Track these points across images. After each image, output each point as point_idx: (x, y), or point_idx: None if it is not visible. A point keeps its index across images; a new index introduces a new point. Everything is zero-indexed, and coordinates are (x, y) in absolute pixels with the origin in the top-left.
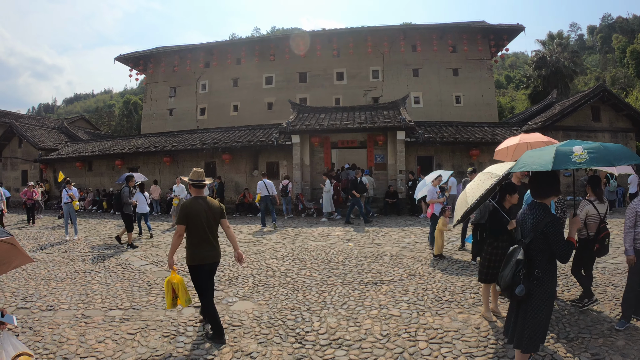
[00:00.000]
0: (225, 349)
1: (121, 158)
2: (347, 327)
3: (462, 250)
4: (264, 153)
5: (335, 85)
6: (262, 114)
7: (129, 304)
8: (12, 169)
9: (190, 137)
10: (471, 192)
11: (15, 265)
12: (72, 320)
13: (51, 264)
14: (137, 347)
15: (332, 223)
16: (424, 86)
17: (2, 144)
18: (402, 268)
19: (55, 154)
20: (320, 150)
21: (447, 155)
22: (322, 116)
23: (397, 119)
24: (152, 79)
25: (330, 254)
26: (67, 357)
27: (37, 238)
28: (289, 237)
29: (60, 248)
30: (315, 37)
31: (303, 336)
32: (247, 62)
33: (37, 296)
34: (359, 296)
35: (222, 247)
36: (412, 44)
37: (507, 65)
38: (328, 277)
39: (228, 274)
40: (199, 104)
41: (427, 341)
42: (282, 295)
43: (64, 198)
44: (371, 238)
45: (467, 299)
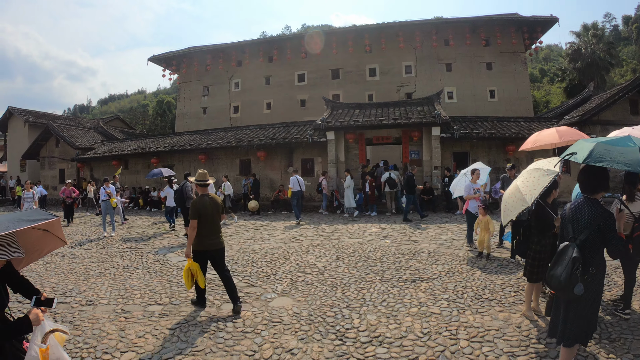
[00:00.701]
0: (265, 345)
1: (156, 156)
2: (388, 324)
3: (500, 247)
4: (299, 150)
5: (368, 82)
6: (295, 111)
7: (168, 300)
8: (49, 168)
9: (224, 134)
10: (527, 190)
11: (47, 251)
12: (111, 315)
13: (90, 259)
14: (176, 343)
15: (368, 220)
16: (458, 81)
17: (40, 144)
18: (440, 265)
19: (92, 153)
20: (355, 146)
21: (483, 151)
22: (356, 112)
23: (432, 114)
24: (185, 78)
25: (368, 251)
26: (107, 352)
27: (76, 234)
28: (326, 233)
29: (98, 244)
30: (347, 34)
31: (343, 333)
32: (279, 59)
33: (77, 291)
34: (398, 293)
35: (259, 244)
36: (445, 39)
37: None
38: (366, 274)
39: (266, 270)
40: (232, 102)
41: (468, 340)
42: (321, 292)
43: (102, 195)
44: (408, 235)
45: (507, 297)
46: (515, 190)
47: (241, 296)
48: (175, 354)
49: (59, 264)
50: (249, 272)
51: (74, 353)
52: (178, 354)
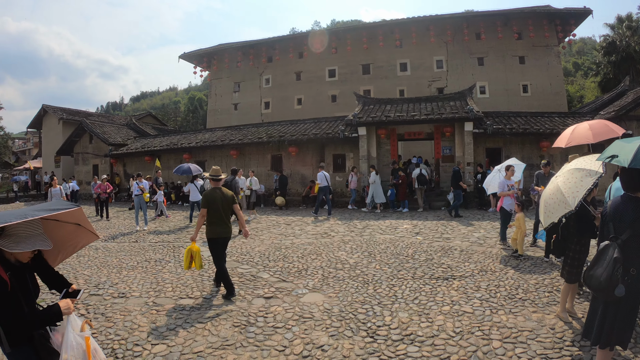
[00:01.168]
0: (296, 341)
1: (189, 152)
2: (419, 322)
3: (534, 246)
4: (330, 145)
5: (399, 77)
6: (326, 106)
7: (199, 293)
8: (83, 163)
9: (256, 130)
10: (569, 192)
11: (82, 245)
12: (143, 308)
13: (122, 252)
14: (207, 336)
15: (400, 216)
16: (490, 75)
17: (74, 140)
18: (473, 263)
19: (125, 149)
20: (386, 142)
21: (517, 147)
22: (387, 108)
23: (465, 109)
24: (216, 75)
25: (400, 247)
26: (138, 344)
27: (109, 228)
28: (357, 229)
29: (131, 238)
30: (377, 28)
31: (375, 330)
32: (309, 55)
33: (109, 284)
34: (430, 291)
35: (290, 239)
36: (476, 32)
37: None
38: (398, 270)
39: (297, 265)
40: (263, 98)
41: (501, 340)
42: (352, 288)
43: (135, 190)
44: (440, 232)
45: (541, 297)
46: (557, 191)
47: (272, 291)
48: (206, 348)
49: (92, 256)
50: (280, 267)
51: (106, 344)
52: (209, 347)
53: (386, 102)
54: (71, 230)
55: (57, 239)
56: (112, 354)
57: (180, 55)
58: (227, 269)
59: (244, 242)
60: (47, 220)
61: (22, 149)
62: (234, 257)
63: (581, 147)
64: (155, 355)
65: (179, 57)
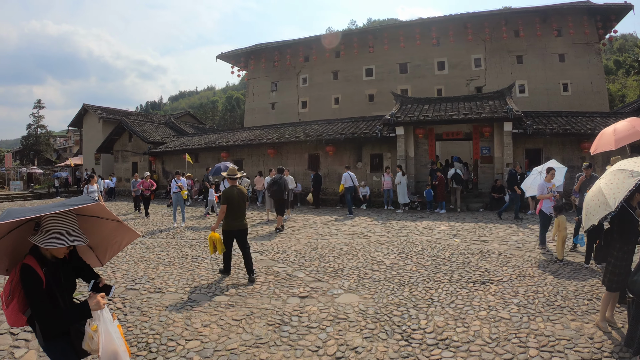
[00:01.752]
0: (330, 342)
1: (226, 150)
2: (455, 327)
3: (574, 251)
4: (367, 145)
5: (437, 75)
6: (363, 106)
7: (235, 291)
8: (122, 161)
9: (293, 129)
10: (611, 192)
11: (126, 242)
12: (178, 303)
13: (159, 248)
14: (241, 334)
15: (437, 217)
16: (529, 74)
17: (114, 138)
18: (511, 268)
19: (164, 147)
20: (424, 142)
21: (557, 148)
22: (425, 107)
23: (504, 109)
24: (253, 74)
25: (437, 249)
26: (172, 339)
27: (147, 224)
28: (394, 230)
29: (168, 234)
30: (414, 27)
31: (409, 334)
32: (346, 54)
33: (146, 279)
34: (466, 295)
35: (326, 238)
36: (515, 29)
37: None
38: (435, 273)
39: (333, 265)
40: (300, 98)
41: (538, 348)
42: (388, 290)
43: (173, 187)
44: (477, 234)
45: (580, 305)
46: (598, 193)
47: (307, 291)
48: (240, 345)
49: (130, 252)
50: (316, 266)
51: (140, 338)
52: (242, 344)
53: (424, 102)
54: (114, 227)
55: (102, 235)
56: (146, 347)
57: (218, 55)
58: (263, 266)
59: (280, 241)
60: (87, 217)
61: (63, 147)
62: (269, 255)
63: (624, 149)
64: (189, 351)
65: (217, 57)
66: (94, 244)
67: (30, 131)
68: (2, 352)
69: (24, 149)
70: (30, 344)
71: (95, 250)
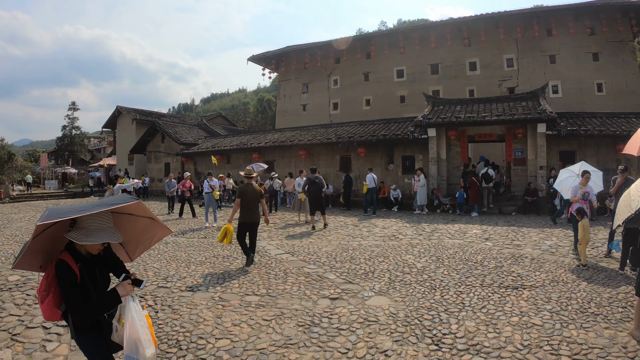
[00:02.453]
0: (360, 344)
1: (258, 152)
2: (486, 332)
3: (609, 257)
4: (399, 147)
5: (468, 76)
6: (394, 107)
7: (265, 291)
8: (155, 161)
9: (325, 131)
10: (637, 194)
11: (157, 238)
12: (209, 302)
13: (191, 248)
14: (271, 334)
15: (469, 220)
16: (562, 74)
17: (147, 139)
18: (544, 273)
19: (196, 148)
20: (456, 144)
21: (592, 150)
22: (457, 108)
23: (537, 110)
24: (284, 76)
25: (468, 253)
26: (202, 337)
27: (179, 224)
28: (425, 233)
29: (200, 234)
30: (445, 27)
31: (440, 338)
32: (377, 55)
33: (177, 277)
34: (498, 300)
35: (357, 240)
36: (547, 28)
37: None
38: (466, 277)
39: (364, 267)
40: (332, 99)
41: (570, 356)
42: (419, 293)
43: (206, 188)
44: (510, 238)
45: (614, 313)
46: (628, 195)
47: (338, 292)
48: (269, 345)
49: (162, 250)
50: (347, 268)
51: (171, 335)
52: (272, 345)
53: (456, 103)
54: (146, 224)
55: (134, 232)
56: (176, 345)
57: (249, 57)
58: (294, 267)
59: (312, 242)
60: (121, 214)
61: (97, 147)
62: (300, 256)
63: None
64: (219, 349)
65: (248, 59)
66: (125, 240)
67: (65, 132)
68: (34, 344)
69: (59, 149)
70: (62, 338)
71: (125, 246)
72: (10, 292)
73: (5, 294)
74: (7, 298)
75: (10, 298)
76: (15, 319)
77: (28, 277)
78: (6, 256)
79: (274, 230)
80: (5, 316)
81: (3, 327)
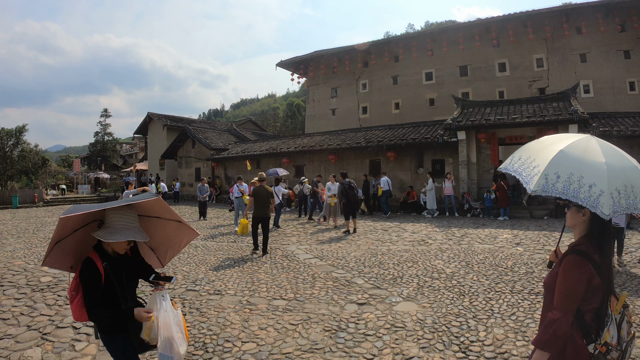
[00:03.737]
0: (386, 350)
1: (287, 156)
2: (515, 340)
3: None
4: (429, 150)
5: (498, 77)
6: (424, 110)
7: (293, 295)
8: (186, 166)
9: (354, 135)
10: None
11: (186, 242)
12: (237, 306)
13: (220, 252)
14: (297, 338)
15: (499, 225)
16: (593, 73)
17: (177, 145)
18: None
19: (226, 153)
20: (487, 146)
21: (625, 151)
22: (487, 111)
23: (569, 110)
24: (313, 81)
25: (499, 258)
26: (229, 340)
27: (209, 228)
28: (455, 237)
29: (229, 238)
30: (472, 28)
31: (467, 345)
32: (405, 58)
33: (206, 280)
34: (528, 307)
35: (387, 245)
36: (576, 26)
37: None
38: (496, 283)
39: (393, 272)
40: (361, 103)
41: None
42: (448, 299)
43: (235, 193)
44: (542, 243)
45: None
46: None
47: (366, 297)
48: (295, 349)
49: (192, 254)
50: (375, 273)
51: (197, 338)
52: (297, 349)
53: (486, 105)
54: (174, 228)
55: (163, 236)
56: (203, 347)
57: (278, 63)
58: (322, 272)
59: (340, 247)
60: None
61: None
62: (329, 261)
63: None
64: (245, 353)
65: (276, 65)
66: (155, 245)
67: (98, 138)
68: (64, 344)
69: (91, 154)
70: (91, 338)
71: (156, 251)
72: (42, 292)
73: (37, 294)
74: (39, 298)
75: (42, 298)
76: (46, 319)
77: (60, 278)
78: (39, 258)
79: (302, 235)
80: (37, 316)
81: (34, 326)
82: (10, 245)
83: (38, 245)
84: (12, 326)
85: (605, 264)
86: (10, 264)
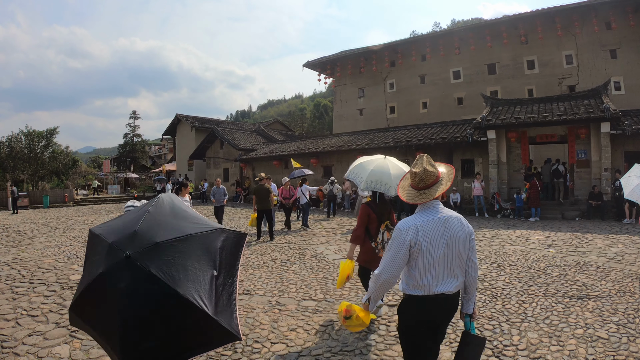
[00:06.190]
0: None
1: (315, 157)
2: (549, 345)
3: None
4: (458, 150)
5: (527, 75)
6: (452, 109)
7: (322, 296)
8: (214, 167)
9: (382, 135)
10: None
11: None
12: (266, 306)
13: (249, 252)
14: (327, 340)
15: (531, 226)
16: (624, 69)
17: (206, 146)
18: (610, 282)
19: (254, 154)
20: (517, 146)
21: None
22: (517, 109)
23: (600, 108)
24: (340, 81)
25: (531, 260)
26: (257, 340)
27: (237, 228)
28: (486, 239)
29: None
30: (500, 25)
31: (501, 350)
32: (433, 57)
33: None
34: (562, 311)
35: None
36: (606, 21)
37: None
38: (529, 285)
39: None
40: (388, 103)
41: None
42: (480, 302)
43: None
44: (574, 245)
45: None
46: None
47: (397, 299)
48: (325, 351)
49: None
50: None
51: None
52: (327, 351)
53: (515, 103)
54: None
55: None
56: (231, 347)
57: (304, 63)
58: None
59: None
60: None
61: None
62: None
63: None
64: (274, 354)
65: (303, 65)
66: None
67: (127, 140)
68: (92, 342)
69: (120, 156)
70: None
71: None
72: (72, 290)
73: (66, 292)
74: (69, 296)
75: (71, 296)
76: None
77: None
78: (69, 256)
79: (332, 235)
80: (66, 313)
81: (63, 323)
82: (41, 243)
83: (68, 244)
84: (41, 323)
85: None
86: (41, 261)
